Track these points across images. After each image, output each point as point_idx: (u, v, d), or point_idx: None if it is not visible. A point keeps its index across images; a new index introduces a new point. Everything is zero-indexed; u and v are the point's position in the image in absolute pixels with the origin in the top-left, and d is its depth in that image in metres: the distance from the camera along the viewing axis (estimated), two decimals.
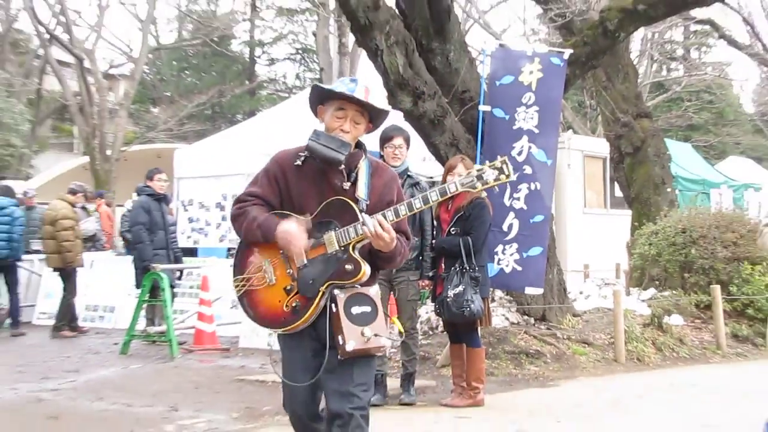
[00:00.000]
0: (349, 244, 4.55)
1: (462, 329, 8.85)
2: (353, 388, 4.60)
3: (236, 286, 4.59)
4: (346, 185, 4.64)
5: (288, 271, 4.64)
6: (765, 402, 4.11)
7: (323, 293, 4.55)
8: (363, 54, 15.62)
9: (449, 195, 4.74)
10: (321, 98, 4.76)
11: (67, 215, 14.79)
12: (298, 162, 4.65)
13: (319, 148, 4.57)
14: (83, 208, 16.74)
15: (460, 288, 8.49)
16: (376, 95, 4.81)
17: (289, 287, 4.61)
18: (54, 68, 37.47)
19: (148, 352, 12.33)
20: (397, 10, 11.50)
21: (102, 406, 9.22)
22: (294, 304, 4.53)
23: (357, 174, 4.71)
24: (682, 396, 9.68)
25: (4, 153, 36.37)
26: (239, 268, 4.65)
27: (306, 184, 4.66)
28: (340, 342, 4.48)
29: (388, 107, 4.99)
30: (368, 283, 4.64)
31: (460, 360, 8.94)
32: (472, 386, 8.71)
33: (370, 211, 4.62)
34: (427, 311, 10.59)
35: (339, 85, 4.66)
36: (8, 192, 15.65)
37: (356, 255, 4.57)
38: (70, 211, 14.88)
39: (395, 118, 9.05)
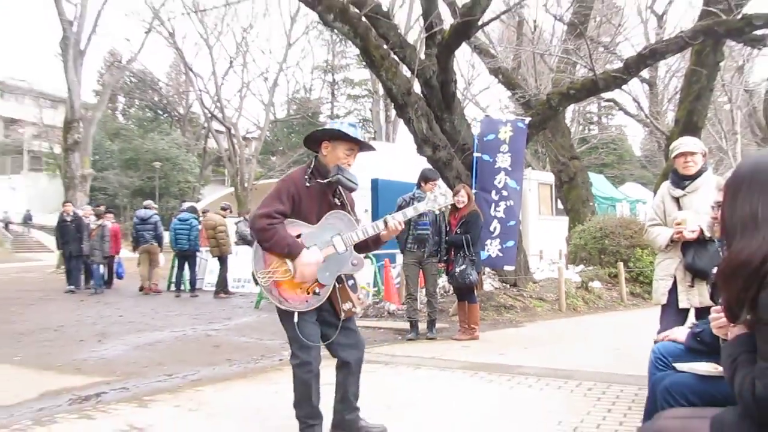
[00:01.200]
0: (353, 244, 4.28)
1: (464, 292, 9.28)
2: (357, 341, 4.44)
3: (263, 278, 4.10)
4: (337, 202, 4.37)
5: None
6: (650, 332, 4.24)
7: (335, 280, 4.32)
8: (401, 122, 15.65)
9: (421, 212, 4.55)
10: (331, 137, 4.35)
11: (221, 223, 15.94)
12: (308, 184, 4.26)
13: (345, 180, 4.25)
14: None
15: (463, 267, 8.94)
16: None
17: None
18: (213, 134, 38.85)
19: (271, 306, 12.42)
20: (421, 95, 11.66)
21: (244, 339, 9.61)
22: (315, 291, 4.16)
23: (342, 194, 4.43)
24: (600, 330, 10.17)
25: (184, 186, 39.32)
26: (262, 263, 4.13)
27: (310, 200, 4.25)
28: (346, 308, 4.31)
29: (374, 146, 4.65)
30: None
31: (463, 311, 9.34)
32: (471, 327, 9.17)
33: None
34: (443, 281, 10.90)
35: (350, 129, 4.35)
36: (193, 210, 17.15)
37: (356, 253, 4.36)
38: (222, 221, 15.99)
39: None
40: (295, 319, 4.13)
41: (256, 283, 4.24)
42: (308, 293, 4.16)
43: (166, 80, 50.10)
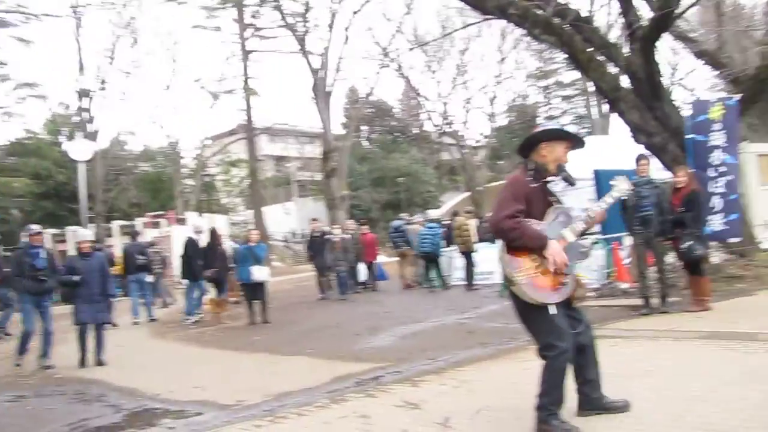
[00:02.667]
0: (579, 234, 4.26)
1: (692, 266, 9.03)
2: (587, 323, 4.40)
3: (521, 277, 4.03)
4: (552, 198, 4.32)
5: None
6: None
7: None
8: (614, 114, 15.44)
9: (610, 203, 4.43)
10: (550, 137, 4.30)
11: (465, 223, 16.39)
12: (533, 184, 4.20)
13: (571, 178, 4.28)
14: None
15: (690, 242, 8.71)
16: None
17: (558, 270, 4.12)
18: (445, 147, 39.62)
19: None
20: (630, 87, 11.35)
21: (494, 324, 9.79)
22: (564, 281, 4.11)
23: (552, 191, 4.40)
24: None
25: (426, 195, 41.51)
26: (514, 264, 4.07)
27: (536, 199, 4.20)
28: (579, 294, 4.32)
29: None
30: None
31: (694, 285, 9.10)
32: (703, 299, 8.84)
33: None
34: (672, 258, 10.60)
35: (570, 129, 4.57)
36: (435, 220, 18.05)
37: (582, 241, 4.39)
38: (465, 222, 16.41)
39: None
40: (553, 311, 4.09)
41: (510, 285, 4.18)
42: (559, 284, 4.14)
43: (400, 106, 52.52)
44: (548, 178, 4.32)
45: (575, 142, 4.43)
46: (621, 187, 4.51)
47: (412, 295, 16.04)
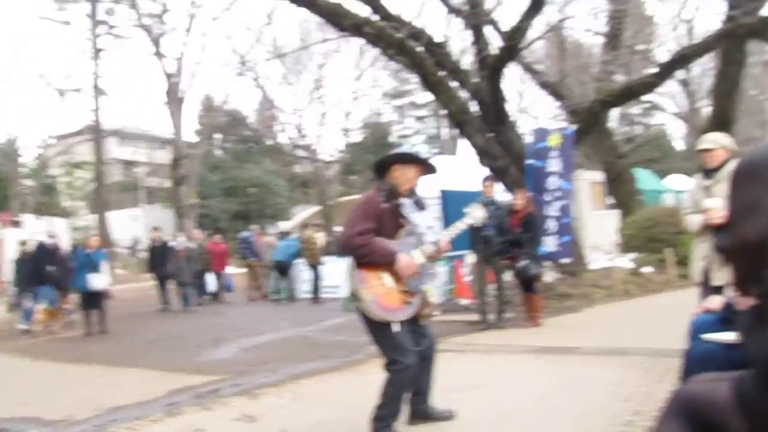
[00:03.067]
0: (428, 256, 4.31)
1: (527, 284, 9.31)
2: (431, 340, 4.49)
3: (367, 294, 4.01)
4: (403, 220, 4.32)
5: (401, 280, 4.16)
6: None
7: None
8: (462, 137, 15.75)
9: (462, 228, 4.55)
10: (403, 160, 4.34)
11: (313, 236, 16.20)
12: (385, 205, 4.20)
13: (421, 202, 4.33)
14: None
15: (525, 262, 8.99)
16: None
17: (404, 289, 4.14)
18: (298, 160, 39.16)
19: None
20: (479, 112, 11.69)
21: (337, 337, 9.66)
22: (409, 300, 4.14)
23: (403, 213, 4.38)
24: (651, 311, 10.03)
25: (277, 207, 40.62)
26: (362, 281, 4.06)
27: (387, 219, 4.19)
28: (425, 313, 4.43)
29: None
30: None
31: (527, 302, 9.40)
32: (535, 315, 9.18)
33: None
34: (508, 275, 10.87)
35: (419, 153, 4.51)
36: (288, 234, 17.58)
37: (429, 264, 4.44)
38: (313, 235, 16.21)
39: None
40: (396, 328, 4.10)
41: (356, 301, 4.16)
42: (404, 303, 4.15)
43: (255, 116, 51.61)
44: (399, 200, 4.33)
45: (426, 167, 4.45)
46: (475, 215, 4.59)
47: (258, 307, 15.72)
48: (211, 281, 17.45)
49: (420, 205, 4.39)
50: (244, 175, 42.53)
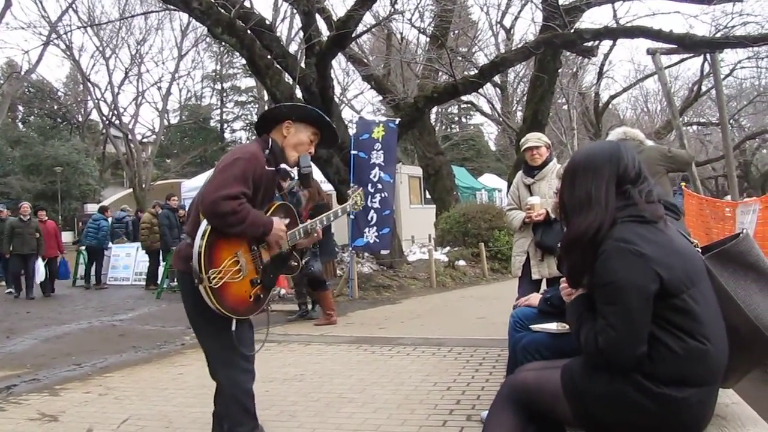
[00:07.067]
0: (294, 245, 3.32)
1: (311, 282, 8.73)
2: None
3: (213, 278, 2.88)
4: (278, 193, 3.41)
5: (258, 265, 3.13)
6: (510, 301, 4.28)
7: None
8: None
9: (340, 216, 3.65)
10: (299, 117, 3.27)
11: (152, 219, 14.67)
12: (269, 167, 3.17)
13: (309, 177, 3.30)
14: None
15: (306, 258, 8.11)
16: None
17: (255, 280, 3.10)
18: (111, 140, 37.35)
19: (170, 297, 12.18)
20: (305, 99, 11.43)
21: (148, 328, 9.23)
22: (259, 294, 3.13)
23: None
24: (466, 303, 10.33)
25: (86, 188, 37.64)
26: (212, 261, 2.91)
27: (264, 186, 3.13)
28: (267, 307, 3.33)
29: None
30: None
31: (319, 299, 8.87)
32: (328, 312, 8.65)
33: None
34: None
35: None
36: (103, 210, 16.35)
37: (295, 253, 3.38)
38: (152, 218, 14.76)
39: None
40: (233, 327, 3.08)
41: (199, 284, 2.90)
42: (251, 297, 3.11)
43: (64, 90, 47.91)
44: (283, 166, 3.31)
45: (326, 134, 3.44)
46: (359, 202, 3.73)
47: (62, 294, 14.42)
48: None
49: (305, 182, 3.40)
50: (50, 152, 39.44)
